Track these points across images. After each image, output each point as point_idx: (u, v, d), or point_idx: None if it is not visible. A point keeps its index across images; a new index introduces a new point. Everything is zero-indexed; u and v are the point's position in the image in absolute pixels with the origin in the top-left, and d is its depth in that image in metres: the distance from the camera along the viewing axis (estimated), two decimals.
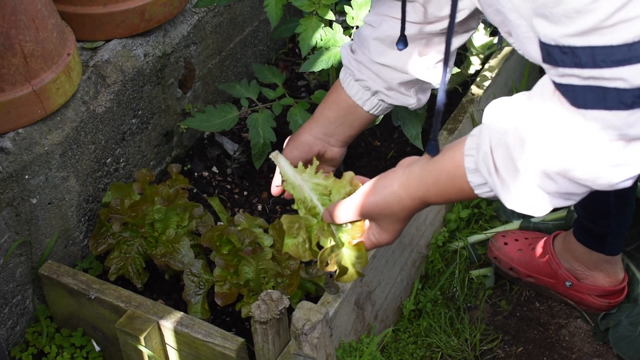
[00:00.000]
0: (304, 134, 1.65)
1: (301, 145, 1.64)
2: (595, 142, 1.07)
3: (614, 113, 1.04)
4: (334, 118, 1.64)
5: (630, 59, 0.99)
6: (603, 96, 1.03)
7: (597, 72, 1.02)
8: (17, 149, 1.71)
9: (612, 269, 1.97)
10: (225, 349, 1.60)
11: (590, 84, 1.03)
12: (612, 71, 1.01)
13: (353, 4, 1.99)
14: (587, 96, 1.04)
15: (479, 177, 1.22)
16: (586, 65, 1.02)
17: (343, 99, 1.63)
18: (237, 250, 1.70)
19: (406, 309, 2.00)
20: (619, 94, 1.02)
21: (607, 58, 1.00)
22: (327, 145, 1.65)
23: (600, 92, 1.03)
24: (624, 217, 1.89)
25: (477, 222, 2.24)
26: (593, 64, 1.02)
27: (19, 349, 1.84)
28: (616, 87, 1.02)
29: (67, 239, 1.90)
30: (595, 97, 1.04)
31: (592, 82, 1.03)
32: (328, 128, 1.64)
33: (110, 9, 1.92)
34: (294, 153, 1.63)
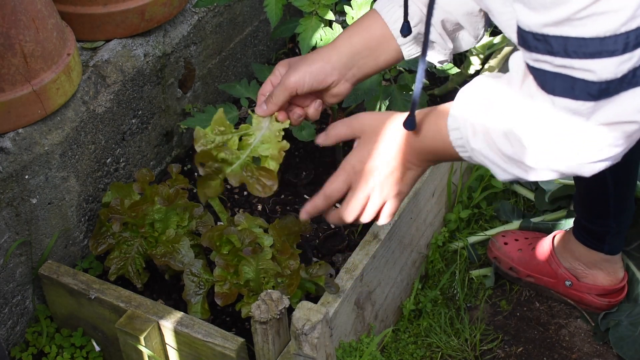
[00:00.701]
0: (320, 61, 1.48)
1: (316, 72, 1.48)
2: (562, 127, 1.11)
3: (581, 103, 1.07)
4: (361, 48, 1.48)
5: (600, 52, 1.02)
6: (571, 85, 1.06)
7: (567, 61, 1.04)
8: (17, 149, 1.71)
9: (612, 268, 1.97)
10: (225, 349, 1.60)
11: (561, 72, 1.06)
12: (582, 62, 1.03)
13: (353, 4, 1.99)
14: (557, 83, 1.08)
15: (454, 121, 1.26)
16: (558, 54, 1.05)
17: (378, 27, 1.48)
18: (237, 250, 1.69)
19: (406, 309, 2.00)
20: (587, 85, 1.05)
21: (578, 49, 1.03)
22: (341, 78, 1.50)
23: (570, 81, 1.06)
24: (624, 217, 1.89)
25: (477, 222, 2.24)
26: (564, 54, 1.04)
27: (19, 349, 1.84)
28: (584, 79, 1.05)
29: (67, 239, 1.90)
30: (564, 85, 1.07)
31: (562, 71, 1.06)
32: (351, 59, 1.49)
33: (110, 9, 1.92)
34: (305, 79, 1.48)
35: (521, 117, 1.16)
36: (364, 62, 1.50)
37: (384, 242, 1.82)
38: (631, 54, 1.02)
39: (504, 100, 1.19)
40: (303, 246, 1.94)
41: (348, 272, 1.74)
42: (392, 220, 1.85)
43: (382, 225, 1.83)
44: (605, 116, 1.08)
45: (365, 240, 1.81)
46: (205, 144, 1.53)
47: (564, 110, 1.09)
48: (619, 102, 1.07)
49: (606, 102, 1.06)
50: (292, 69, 1.49)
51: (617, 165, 1.82)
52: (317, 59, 1.49)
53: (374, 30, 1.49)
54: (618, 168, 1.82)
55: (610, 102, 1.07)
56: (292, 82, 1.47)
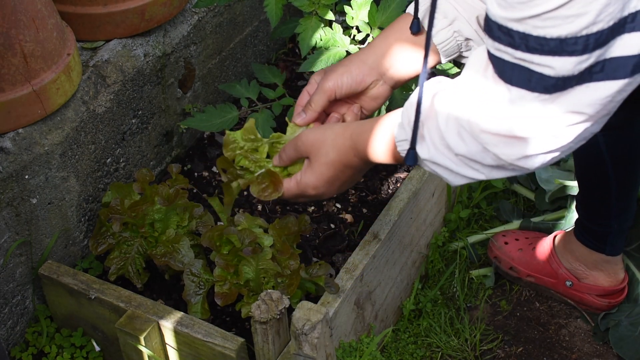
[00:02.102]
0: (357, 62, 1.47)
1: (354, 73, 1.46)
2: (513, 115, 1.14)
3: (536, 95, 1.10)
4: (397, 48, 1.46)
5: (560, 51, 1.05)
6: (528, 77, 1.09)
7: (528, 56, 1.07)
8: (17, 149, 1.71)
9: (613, 269, 1.97)
10: (225, 349, 1.60)
11: (520, 64, 1.09)
12: (541, 58, 1.07)
13: (353, 4, 1.99)
14: (514, 74, 1.11)
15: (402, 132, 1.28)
16: (519, 47, 1.07)
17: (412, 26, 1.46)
18: (237, 250, 1.69)
19: (406, 309, 2.00)
20: (543, 79, 1.09)
21: (539, 47, 1.06)
22: (379, 79, 1.48)
23: (527, 73, 1.09)
24: (625, 218, 1.89)
25: (477, 222, 2.24)
26: (525, 48, 1.07)
27: (19, 349, 1.84)
28: (542, 73, 1.08)
29: (67, 239, 1.90)
30: (521, 76, 1.10)
31: (521, 63, 1.09)
32: (387, 59, 1.46)
33: (110, 9, 1.92)
34: (343, 79, 1.46)
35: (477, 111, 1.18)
36: (402, 64, 1.48)
37: (384, 242, 1.82)
38: (589, 55, 1.05)
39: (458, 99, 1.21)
40: (303, 246, 1.94)
41: (348, 272, 1.74)
42: (392, 219, 1.85)
43: (382, 225, 1.83)
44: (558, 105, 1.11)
45: (365, 240, 1.82)
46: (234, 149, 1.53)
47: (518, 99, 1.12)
48: (572, 95, 1.10)
49: (560, 94, 1.10)
50: (328, 74, 1.48)
51: (620, 165, 1.83)
52: (354, 60, 1.47)
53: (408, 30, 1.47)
54: (622, 168, 1.83)
55: (563, 94, 1.10)
56: (330, 85, 1.47)
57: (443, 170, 1.27)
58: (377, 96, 1.51)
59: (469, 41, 1.48)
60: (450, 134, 1.22)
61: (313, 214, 2.06)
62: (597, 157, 1.81)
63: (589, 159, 1.84)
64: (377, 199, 2.10)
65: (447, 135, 1.22)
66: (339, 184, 1.43)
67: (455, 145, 1.22)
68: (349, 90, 1.47)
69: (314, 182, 1.42)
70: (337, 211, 2.07)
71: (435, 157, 1.25)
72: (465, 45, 1.48)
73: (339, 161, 1.39)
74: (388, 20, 1.97)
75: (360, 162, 1.39)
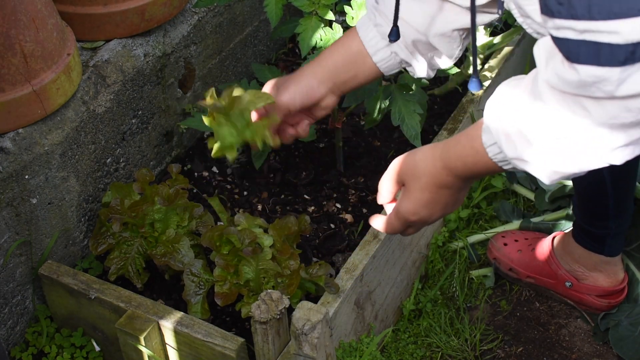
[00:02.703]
0: (308, 78, 1.54)
1: (305, 89, 1.53)
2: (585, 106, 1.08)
3: (607, 69, 1.03)
4: (342, 64, 1.54)
5: (626, 11, 0.98)
6: (597, 51, 1.03)
7: (592, 24, 1.01)
8: (17, 149, 1.71)
9: (612, 270, 1.97)
10: (225, 349, 1.60)
11: (585, 39, 1.03)
12: (607, 24, 1.00)
13: (353, 4, 1.99)
14: (581, 50, 1.04)
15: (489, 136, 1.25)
16: (582, 16, 1.01)
17: (355, 44, 1.53)
18: (237, 250, 1.70)
19: (406, 309, 2.00)
20: (612, 50, 1.01)
21: (602, 10, 0.99)
22: (329, 92, 1.55)
23: (594, 47, 1.03)
24: (623, 218, 1.89)
25: (477, 222, 2.24)
26: (588, 16, 1.01)
27: (19, 349, 1.84)
28: (609, 43, 1.01)
29: (67, 239, 1.90)
30: (589, 51, 1.03)
31: (586, 37, 1.03)
32: (335, 74, 1.54)
33: (110, 9, 1.92)
34: (296, 97, 1.53)
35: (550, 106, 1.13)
36: (345, 77, 1.55)
37: (384, 242, 1.82)
38: None
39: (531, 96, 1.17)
40: (303, 246, 1.94)
41: (348, 272, 1.74)
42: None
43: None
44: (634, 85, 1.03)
45: (365, 240, 1.81)
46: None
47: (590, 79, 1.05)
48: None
49: (633, 68, 1.02)
50: (282, 89, 1.54)
51: (617, 169, 1.82)
52: (304, 76, 1.54)
53: (351, 48, 1.54)
54: (617, 169, 1.82)
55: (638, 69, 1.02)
56: (284, 101, 1.53)
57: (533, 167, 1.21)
58: (327, 106, 1.58)
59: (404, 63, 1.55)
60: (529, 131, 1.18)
61: (313, 214, 2.06)
62: None
63: None
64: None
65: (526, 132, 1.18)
66: (441, 206, 1.40)
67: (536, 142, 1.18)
68: (302, 105, 1.54)
69: (411, 208, 1.39)
70: (337, 211, 2.07)
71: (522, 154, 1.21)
72: (405, 63, 1.56)
73: (432, 183, 1.36)
74: None
75: (456, 179, 1.35)
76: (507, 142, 1.21)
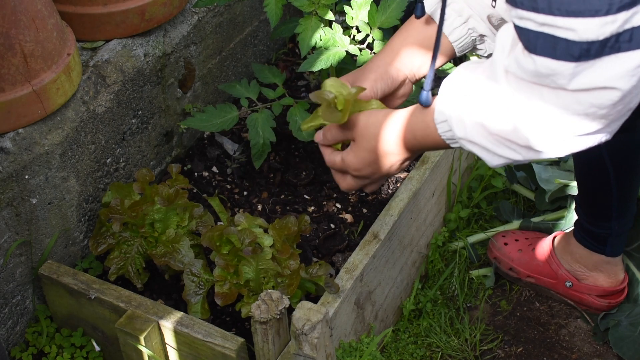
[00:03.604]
0: (383, 66, 1.51)
1: (385, 77, 1.50)
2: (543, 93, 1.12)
3: (562, 63, 1.07)
4: (417, 49, 1.51)
5: (583, 11, 1.02)
6: (553, 45, 1.07)
7: (551, 19, 1.05)
8: (17, 149, 1.71)
9: (613, 270, 1.97)
10: (225, 349, 1.60)
11: (543, 31, 1.07)
12: (564, 20, 1.04)
13: (353, 4, 1.99)
14: (539, 42, 1.08)
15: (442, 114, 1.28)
16: (542, 10, 1.05)
17: (432, 29, 1.50)
18: (237, 250, 1.70)
19: (406, 309, 2.00)
20: (568, 45, 1.05)
21: (562, 7, 1.03)
22: (407, 80, 1.53)
23: (551, 40, 1.06)
24: (625, 220, 1.89)
25: (477, 222, 2.24)
26: (548, 10, 1.04)
27: (19, 349, 1.84)
28: (566, 38, 1.05)
29: (67, 239, 1.90)
30: (546, 44, 1.07)
31: (545, 30, 1.06)
32: (411, 60, 1.51)
33: (110, 9, 1.92)
34: (377, 86, 1.50)
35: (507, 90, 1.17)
36: (422, 61, 1.52)
37: (384, 242, 1.82)
38: (614, 17, 1.02)
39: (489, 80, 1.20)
40: (303, 246, 1.94)
41: (348, 272, 1.74)
42: (392, 219, 1.85)
43: (382, 225, 1.83)
44: (585, 80, 1.08)
45: (365, 240, 1.81)
46: None
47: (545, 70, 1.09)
48: (599, 66, 1.06)
49: (586, 65, 1.06)
50: (360, 81, 1.51)
51: (622, 167, 1.83)
52: (380, 65, 1.51)
53: (427, 30, 1.50)
54: (623, 170, 1.82)
55: (590, 65, 1.07)
56: (367, 93, 1.49)
57: (480, 149, 1.25)
58: (403, 94, 1.56)
59: (483, 37, 1.51)
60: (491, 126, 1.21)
61: (313, 214, 2.06)
62: (598, 162, 1.81)
63: (590, 163, 1.83)
64: (377, 199, 2.10)
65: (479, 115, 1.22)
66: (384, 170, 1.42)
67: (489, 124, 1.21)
68: (383, 94, 1.51)
69: (355, 164, 1.43)
70: (337, 211, 2.07)
71: (471, 135, 1.24)
72: (479, 40, 1.52)
73: (380, 148, 1.39)
74: (388, 20, 1.97)
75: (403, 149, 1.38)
76: (457, 122, 1.25)
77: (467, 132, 1.24)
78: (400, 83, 1.53)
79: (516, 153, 1.22)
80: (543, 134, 1.16)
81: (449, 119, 1.26)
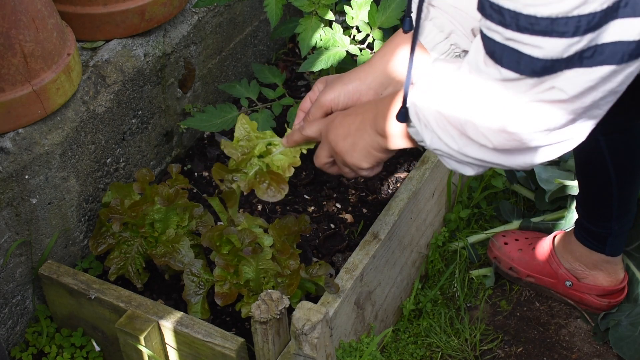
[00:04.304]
0: (356, 81, 1.50)
1: (351, 92, 1.50)
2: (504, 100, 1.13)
3: (524, 77, 1.09)
4: (395, 66, 1.49)
5: (550, 32, 1.03)
6: (517, 59, 1.08)
7: (517, 35, 1.06)
8: (17, 149, 1.71)
9: (613, 269, 1.97)
10: (225, 349, 1.60)
11: (509, 45, 1.08)
12: (531, 38, 1.05)
13: (353, 4, 1.99)
14: (504, 55, 1.09)
15: None
16: (509, 26, 1.06)
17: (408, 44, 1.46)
18: (237, 250, 1.70)
19: (406, 309, 2.00)
20: (532, 61, 1.07)
21: (529, 26, 1.04)
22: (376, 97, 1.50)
23: (516, 55, 1.08)
24: (626, 219, 1.89)
25: (477, 222, 2.24)
26: (516, 27, 1.05)
27: (19, 349, 1.84)
28: (531, 55, 1.06)
29: (67, 239, 1.90)
30: (511, 58, 1.09)
31: (511, 44, 1.08)
32: (386, 78, 1.49)
33: (110, 9, 1.92)
34: (340, 98, 1.50)
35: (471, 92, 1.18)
36: (398, 82, 1.50)
37: (384, 242, 1.82)
38: (580, 38, 1.03)
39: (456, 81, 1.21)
40: (303, 246, 1.94)
41: (348, 272, 1.74)
42: (392, 219, 1.85)
43: (382, 225, 1.83)
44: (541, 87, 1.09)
45: (365, 240, 1.82)
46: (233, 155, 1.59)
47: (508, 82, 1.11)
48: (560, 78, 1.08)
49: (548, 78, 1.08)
50: (328, 87, 1.52)
51: (622, 169, 1.83)
52: (353, 78, 1.51)
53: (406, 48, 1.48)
54: (623, 170, 1.82)
55: (552, 78, 1.08)
56: (328, 100, 1.51)
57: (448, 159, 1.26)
58: None
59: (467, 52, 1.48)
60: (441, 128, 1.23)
61: (313, 214, 2.06)
62: (599, 161, 1.81)
63: (591, 162, 1.83)
64: (377, 199, 2.10)
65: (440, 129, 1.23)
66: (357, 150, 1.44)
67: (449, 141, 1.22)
68: (345, 106, 1.51)
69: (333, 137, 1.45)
70: (337, 211, 2.07)
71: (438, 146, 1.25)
72: (463, 55, 1.50)
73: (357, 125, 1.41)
74: (388, 20, 1.97)
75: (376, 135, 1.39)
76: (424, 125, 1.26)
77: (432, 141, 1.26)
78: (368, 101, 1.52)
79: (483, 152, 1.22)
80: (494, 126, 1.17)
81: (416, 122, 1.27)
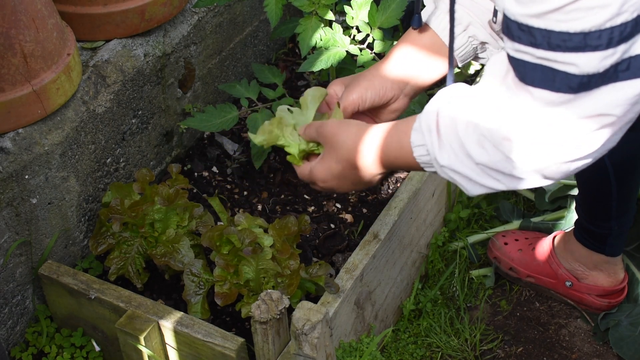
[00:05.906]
0: (379, 77, 1.48)
1: (378, 88, 1.47)
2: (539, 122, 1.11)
3: (560, 95, 1.07)
4: (417, 60, 1.47)
5: (584, 47, 1.02)
6: (552, 77, 1.06)
7: (550, 54, 1.05)
8: (17, 149, 1.71)
9: (613, 269, 1.97)
10: (225, 349, 1.60)
11: (542, 64, 1.06)
12: (565, 56, 1.04)
13: (353, 4, 1.99)
14: (536, 74, 1.08)
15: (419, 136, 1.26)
16: (541, 46, 1.05)
17: (427, 38, 1.46)
18: (237, 250, 1.70)
19: (406, 309, 2.00)
20: (568, 78, 1.05)
21: (562, 43, 1.03)
22: (400, 93, 1.49)
23: (550, 73, 1.06)
24: (626, 219, 1.89)
25: (477, 222, 2.24)
26: (547, 47, 1.04)
27: (19, 349, 1.84)
28: (566, 71, 1.05)
29: (67, 239, 1.90)
30: (544, 77, 1.07)
31: (543, 62, 1.06)
32: (410, 73, 1.48)
33: (110, 9, 1.92)
34: (367, 94, 1.47)
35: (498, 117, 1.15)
36: (421, 74, 1.48)
37: (384, 242, 1.82)
38: (614, 50, 1.03)
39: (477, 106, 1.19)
40: (303, 246, 1.94)
41: (348, 272, 1.74)
42: (392, 219, 1.85)
43: (382, 225, 1.83)
44: (584, 109, 1.08)
45: (365, 240, 1.82)
46: None
47: (542, 102, 1.09)
48: (597, 95, 1.07)
49: (585, 95, 1.07)
50: (352, 87, 1.49)
51: (622, 167, 1.83)
52: (376, 75, 1.48)
53: (425, 41, 1.47)
54: (622, 170, 1.82)
55: (588, 95, 1.07)
56: (354, 98, 1.48)
57: (462, 178, 1.24)
58: (396, 109, 1.53)
59: (484, 44, 1.48)
60: (470, 142, 1.19)
61: (313, 214, 2.06)
62: (598, 161, 1.80)
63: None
64: (377, 199, 2.10)
65: (467, 143, 1.19)
66: (349, 183, 1.42)
67: (475, 154, 1.19)
68: (372, 104, 1.49)
69: (322, 176, 1.42)
70: (337, 211, 2.07)
71: (455, 165, 1.22)
72: (480, 48, 1.49)
73: (347, 161, 1.38)
74: (388, 20, 1.97)
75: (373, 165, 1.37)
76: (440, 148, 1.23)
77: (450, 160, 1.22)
78: (394, 97, 1.50)
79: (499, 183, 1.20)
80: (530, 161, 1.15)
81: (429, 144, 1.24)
